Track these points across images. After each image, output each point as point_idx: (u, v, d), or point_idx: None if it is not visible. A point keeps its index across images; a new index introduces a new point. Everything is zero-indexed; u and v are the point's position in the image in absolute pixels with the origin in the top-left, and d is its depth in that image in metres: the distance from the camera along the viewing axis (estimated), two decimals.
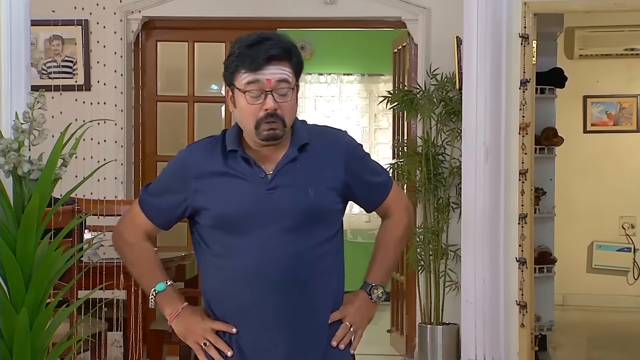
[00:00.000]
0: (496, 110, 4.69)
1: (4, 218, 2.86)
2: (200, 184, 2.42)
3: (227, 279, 2.41)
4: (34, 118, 2.94)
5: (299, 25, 6.16)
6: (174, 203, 2.46)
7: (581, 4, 4.78)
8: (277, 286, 2.37)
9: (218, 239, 2.42)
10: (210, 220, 2.42)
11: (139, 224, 2.53)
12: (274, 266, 2.37)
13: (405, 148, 6.09)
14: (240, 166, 2.41)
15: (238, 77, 2.38)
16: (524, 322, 4.72)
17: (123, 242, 2.56)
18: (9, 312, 2.83)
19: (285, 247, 2.38)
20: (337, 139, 2.52)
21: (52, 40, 6.15)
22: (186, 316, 2.48)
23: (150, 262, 2.55)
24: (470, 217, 4.76)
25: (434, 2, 6.03)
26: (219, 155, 2.44)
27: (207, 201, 2.41)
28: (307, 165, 2.43)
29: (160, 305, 2.50)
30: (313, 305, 2.42)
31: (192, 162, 2.46)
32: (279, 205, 2.38)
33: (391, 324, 6.66)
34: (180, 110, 6.47)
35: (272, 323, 2.38)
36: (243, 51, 2.36)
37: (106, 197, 4.98)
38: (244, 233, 2.38)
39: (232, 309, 2.42)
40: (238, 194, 2.39)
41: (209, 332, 2.43)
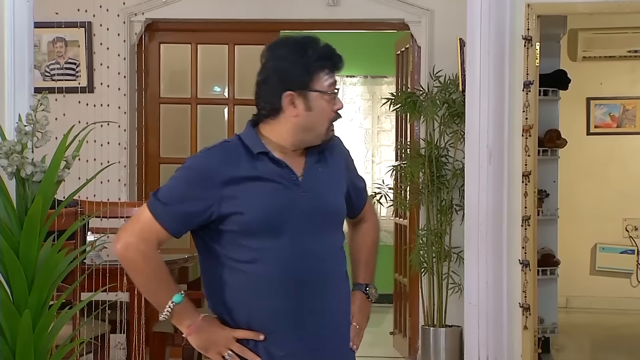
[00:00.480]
0: (499, 112, 4.69)
1: (7, 220, 2.86)
2: (229, 190, 2.34)
3: (258, 284, 2.36)
4: (37, 120, 2.94)
5: (302, 27, 6.16)
6: (196, 211, 2.35)
7: (585, 6, 4.77)
8: (310, 289, 2.38)
9: (247, 244, 2.36)
10: (239, 226, 2.35)
11: (152, 234, 2.38)
12: (307, 269, 2.37)
13: (408, 150, 6.08)
14: (271, 169, 2.38)
15: (319, 79, 2.39)
16: (527, 324, 4.71)
17: (137, 254, 2.37)
18: (12, 314, 2.83)
19: (316, 249, 2.39)
20: (339, 145, 2.56)
21: (55, 42, 6.16)
22: (205, 328, 2.38)
23: (165, 274, 2.41)
24: (473, 219, 4.75)
25: (437, 4, 6.03)
26: (244, 159, 2.38)
27: (241, 206, 2.34)
28: (326, 170, 2.46)
29: (178, 318, 2.39)
30: (339, 308, 2.46)
31: (215, 167, 2.37)
32: (311, 207, 2.39)
33: (394, 326, 6.65)
34: (183, 113, 6.48)
35: (305, 326, 2.38)
36: (323, 54, 2.40)
37: (109, 199, 4.97)
38: (278, 236, 2.36)
39: (262, 314, 2.37)
40: (271, 197, 2.36)
41: (232, 341, 2.37)
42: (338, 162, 2.51)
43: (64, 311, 3.10)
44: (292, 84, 2.37)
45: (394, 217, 6.65)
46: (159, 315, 2.40)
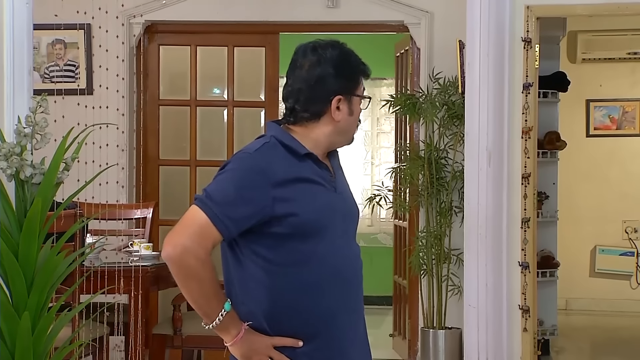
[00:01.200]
0: (499, 114, 4.68)
1: (7, 222, 2.86)
2: (281, 191, 2.32)
3: (305, 288, 2.35)
4: (36, 122, 2.94)
5: (302, 29, 6.16)
6: (252, 213, 2.29)
7: (584, 8, 4.77)
8: (349, 289, 2.44)
9: (293, 246, 2.34)
10: (293, 228, 2.32)
11: (208, 238, 2.28)
12: (346, 269, 2.43)
13: (407, 152, 6.08)
14: (316, 171, 2.42)
15: (359, 85, 2.49)
16: (527, 326, 4.71)
17: (195, 261, 2.26)
18: (11, 316, 2.83)
19: (350, 250, 2.47)
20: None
21: (55, 44, 6.16)
22: (248, 336, 2.34)
23: (217, 281, 2.33)
24: (472, 221, 4.75)
25: (436, 6, 6.03)
26: (290, 160, 2.38)
27: (295, 207, 2.32)
28: (341, 173, 2.55)
29: (226, 326, 2.33)
30: (363, 308, 2.54)
31: (267, 168, 2.33)
32: (345, 209, 2.48)
33: (393, 328, 6.65)
34: (183, 115, 6.47)
35: (348, 325, 2.42)
36: (359, 62, 2.49)
37: (108, 201, 4.97)
38: (322, 238, 2.37)
39: (308, 319, 2.36)
40: (322, 198, 2.40)
41: (270, 349, 2.35)
42: (342, 168, 2.59)
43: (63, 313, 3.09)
44: (342, 89, 2.43)
45: (394, 219, 6.65)
46: (205, 324, 2.33)
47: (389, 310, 6.93)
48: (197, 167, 6.38)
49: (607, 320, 7.81)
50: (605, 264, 8.13)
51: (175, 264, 2.28)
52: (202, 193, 2.33)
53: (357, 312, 2.48)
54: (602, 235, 8.13)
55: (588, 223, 8.05)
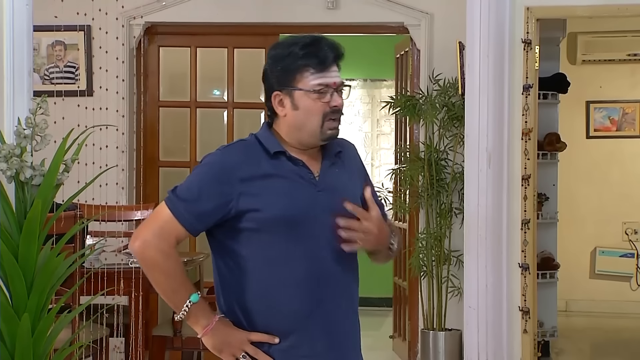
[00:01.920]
0: (499, 116, 4.68)
1: (7, 223, 2.86)
2: (247, 187, 2.35)
3: (276, 286, 2.36)
4: (36, 124, 2.94)
5: (302, 30, 6.15)
6: (215, 207, 2.34)
7: (584, 9, 4.77)
8: (328, 292, 2.38)
9: (265, 243, 2.36)
10: (256, 223, 2.35)
11: (170, 231, 2.35)
12: (324, 271, 2.37)
13: (407, 153, 6.08)
14: (289, 168, 2.39)
15: (303, 78, 2.38)
16: (527, 328, 4.71)
17: (156, 253, 2.35)
18: (11, 317, 2.83)
19: (334, 250, 2.38)
20: (353, 150, 2.58)
21: (55, 46, 6.16)
22: (220, 328, 2.36)
23: (183, 273, 2.40)
24: (472, 223, 4.74)
25: (436, 7, 6.03)
26: (263, 158, 2.39)
27: (258, 203, 2.34)
28: (342, 171, 2.47)
29: (194, 318, 2.37)
30: (354, 312, 2.47)
31: (234, 164, 2.37)
32: (327, 207, 2.38)
33: (393, 330, 6.65)
34: (183, 116, 6.47)
35: (322, 330, 2.38)
36: (306, 52, 2.38)
37: (108, 202, 4.97)
38: (296, 235, 2.36)
39: (279, 316, 2.36)
40: (289, 195, 2.37)
41: (246, 343, 2.36)
42: (354, 167, 2.53)
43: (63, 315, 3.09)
44: (278, 84, 2.40)
45: (394, 221, 6.65)
46: (175, 315, 2.39)
47: (389, 311, 6.93)
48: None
49: (607, 321, 7.81)
50: (606, 266, 8.12)
51: (138, 257, 2.38)
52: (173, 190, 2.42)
53: (338, 311, 2.40)
54: (602, 236, 8.13)
55: (588, 224, 8.05)
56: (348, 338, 2.44)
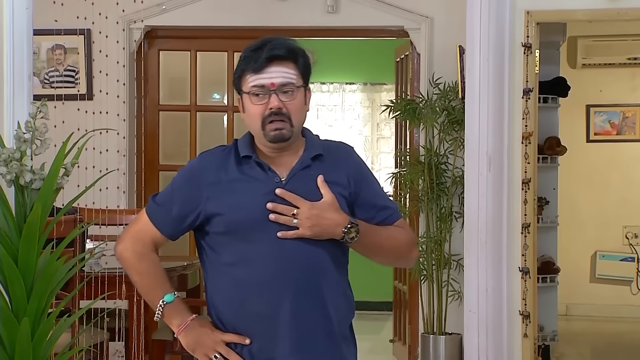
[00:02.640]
0: (499, 120, 4.68)
1: (6, 227, 2.85)
2: (213, 191, 2.40)
3: (241, 288, 2.38)
4: (36, 127, 2.94)
5: (302, 34, 6.16)
6: (186, 212, 2.43)
7: (584, 13, 4.77)
8: (291, 294, 2.36)
9: (231, 246, 2.39)
10: (223, 227, 2.39)
11: (147, 234, 2.47)
12: (288, 274, 2.36)
13: (407, 157, 6.08)
14: (255, 172, 2.41)
15: (244, 80, 2.41)
16: (527, 332, 4.70)
17: (132, 253, 2.47)
18: (10, 321, 2.82)
19: (298, 254, 2.37)
20: (348, 154, 2.53)
21: (55, 50, 6.16)
22: (195, 328, 2.43)
23: (158, 274, 2.49)
24: (473, 227, 4.74)
25: (436, 11, 6.03)
26: (232, 162, 2.43)
27: (221, 207, 2.38)
28: (319, 174, 2.42)
29: (168, 317, 2.45)
30: (325, 315, 2.41)
31: (204, 169, 2.44)
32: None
33: (394, 334, 6.64)
34: (183, 120, 6.48)
35: (286, 332, 2.37)
36: (247, 55, 2.40)
37: (108, 206, 4.97)
38: (258, 239, 2.36)
39: (245, 318, 2.39)
40: (251, 199, 2.38)
41: (219, 344, 2.39)
42: (341, 170, 2.46)
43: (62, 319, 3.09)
44: (236, 87, 2.46)
45: None
46: (154, 314, 2.46)
47: (389, 315, 6.92)
48: None
49: (607, 325, 7.80)
50: (606, 270, 8.12)
51: (118, 259, 2.51)
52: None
53: (304, 314, 2.37)
54: (603, 240, 8.12)
55: (588, 228, 8.05)
56: (315, 341, 2.40)
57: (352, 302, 2.51)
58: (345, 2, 6.14)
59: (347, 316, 2.49)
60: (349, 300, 2.49)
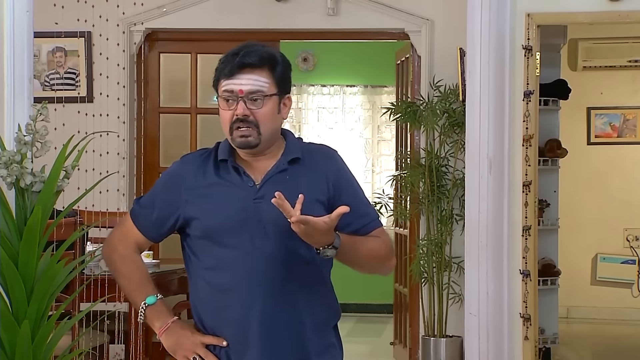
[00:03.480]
0: (500, 122, 4.68)
1: (6, 230, 2.85)
2: (190, 195, 2.42)
3: (215, 292, 2.40)
4: (36, 130, 2.93)
5: (302, 36, 6.17)
6: (165, 215, 2.46)
7: (585, 16, 4.77)
8: (261, 300, 2.36)
9: (208, 250, 2.41)
10: (199, 231, 2.41)
11: (130, 236, 2.52)
12: (259, 279, 2.36)
13: (408, 160, 6.08)
14: (231, 176, 2.42)
15: (219, 84, 2.42)
16: (528, 334, 4.69)
17: (115, 254, 2.53)
18: (11, 324, 2.82)
19: (274, 258, 2.36)
20: (328, 158, 2.49)
21: (55, 52, 6.16)
22: (176, 330, 2.45)
23: (140, 276, 2.53)
24: (473, 229, 4.74)
25: (437, 13, 6.04)
26: (210, 166, 2.44)
27: (197, 211, 2.41)
28: (296, 178, 2.41)
29: (150, 319, 2.48)
30: (299, 320, 2.39)
31: (183, 173, 2.47)
32: (265, 215, 2.36)
33: (394, 337, 6.64)
34: (183, 122, 6.47)
35: (256, 338, 2.37)
36: (225, 59, 2.43)
37: (108, 209, 4.97)
38: (231, 243, 2.37)
39: (220, 322, 2.41)
40: (226, 203, 2.39)
41: (198, 346, 2.41)
42: (319, 173, 2.43)
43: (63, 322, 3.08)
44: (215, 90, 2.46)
45: (394, 227, 6.64)
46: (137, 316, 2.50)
47: (390, 318, 6.92)
48: None
49: (608, 328, 7.80)
50: (607, 272, 8.11)
51: (104, 261, 2.59)
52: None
53: (275, 320, 2.36)
54: (604, 243, 8.12)
55: (589, 231, 8.04)
56: (285, 348, 2.38)
57: (333, 307, 2.48)
58: (345, 4, 6.14)
59: (328, 321, 2.48)
60: (329, 305, 2.47)
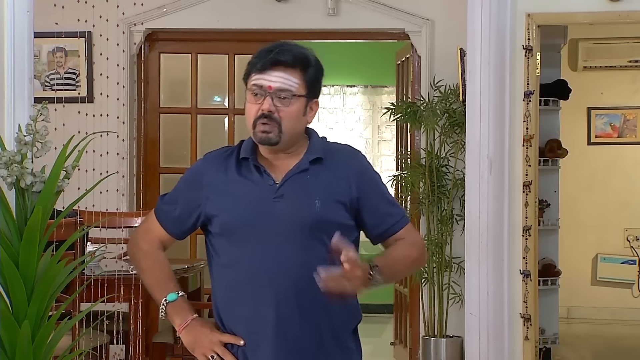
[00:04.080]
0: (500, 122, 4.68)
1: (7, 230, 2.85)
2: (211, 192, 2.43)
3: (231, 290, 2.42)
4: (36, 130, 2.94)
5: (302, 37, 6.15)
6: (188, 212, 2.47)
7: (585, 16, 4.77)
8: (275, 300, 2.36)
9: (226, 248, 2.42)
10: (218, 228, 2.42)
11: (154, 233, 2.53)
12: (273, 279, 2.36)
13: (408, 160, 6.08)
14: (252, 174, 2.42)
15: (249, 79, 2.42)
16: (528, 335, 4.69)
17: (137, 250, 2.55)
18: (11, 324, 2.82)
19: (289, 257, 2.36)
20: (351, 158, 2.50)
21: (55, 53, 6.16)
22: (195, 327, 2.45)
23: (163, 272, 2.54)
24: (474, 230, 4.74)
25: (437, 13, 6.03)
26: (232, 164, 2.45)
27: (217, 208, 2.42)
28: (317, 178, 2.41)
29: (171, 316, 2.48)
30: (314, 321, 2.39)
31: (206, 170, 2.48)
32: (283, 214, 2.37)
33: (394, 337, 6.63)
34: (183, 122, 6.47)
35: (269, 338, 2.37)
36: (258, 55, 2.42)
37: (108, 209, 4.97)
38: (248, 242, 2.38)
39: (235, 320, 2.42)
40: (245, 201, 2.39)
41: (217, 344, 2.42)
42: (341, 174, 2.43)
43: (63, 322, 3.08)
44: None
45: None
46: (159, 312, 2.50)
47: (390, 318, 6.91)
48: None
49: (608, 328, 7.79)
50: (607, 272, 8.11)
51: (128, 255, 2.61)
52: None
53: (290, 320, 2.36)
54: (604, 243, 8.11)
55: (589, 231, 8.04)
56: (298, 349, 2.38)
57: (352, 310, 2.48)
58: (346, 4, 6.14)
59: (347, 322, 2.47)
60: (347, 308, 2.44)
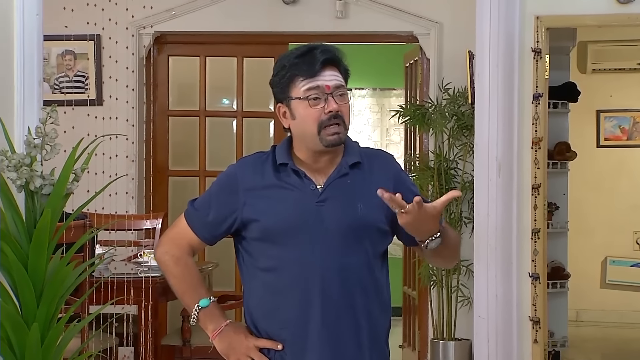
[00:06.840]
0: (509, 125, 4.67)
1: (16, 233, 2.86)
2: (250, 197, 2.41)
3: (272, 294, 2.40)
4: (46, 133, 2.94)
5: (311, 39, 6.06)
6: (222, 216, 2.44)
7: (594, 18, 4.76)
8: (321, 302, 2.36)
9: (266, 252, 2.40)
10: (258, 233, 2.40)
11: (184, 238, 2.50)
12: (319, 281, 2.36)
13: (417, 162, 6.07)
14: (291, 179, 2.41)
15: (294, 86, 2.39)
16: (537, 338, 4.68)
17: (168, 257, 2.50)
18: (20, 327, 2.83)
19: (332, 262, 2.37)
20: (387, 163, 2.53)
21: (65, 55, 6.17)
22: (229, 333, 2.43)
23: (194, 278, 2.51)
24: (482, 232, 4.73)
25: (445, 16, 6.03)
26: (269, 169, 2.43)
27: (257, 213, 2.39)
28: (357, 182, 2.42)
29: (203, 322, 2.46)
30: (357, 324, 2.40)
31: (242, 175, 2.45)
32: (327, 218, 2.37)
33: (403, 340, 6.63)
34: (192, 125, 6.48)
35: (316, 340, 2.36)
36: (296, 61, 2.39)
37: (117, 212, 4.98)
38: (292, 245, 2.37)
39: (277, 324, 2.39)
40: (288, 205, 2.38)
41: (252, 350, 2.40)
42: (380, 178, 2.44)
43: (72, 324, 3.09)
44: (278, 96, 2.44)
45: None
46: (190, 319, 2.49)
47: (399, 321, 6.90)
48: (206, 177, 6.39)
49: (617, 332, 7.77)
50: (616, 275, 8.09)
51: (157, 263, 2.55)
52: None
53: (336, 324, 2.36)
54: (613, 246, 8.09)
55: (599, 234, 8.02)
56: (345, 351, 2.39)
57: (386, 308, 2.49)
58: (354, 7, 6.15)
59: (384, 329, 2.49)
60: (383, 307, 2.47)
